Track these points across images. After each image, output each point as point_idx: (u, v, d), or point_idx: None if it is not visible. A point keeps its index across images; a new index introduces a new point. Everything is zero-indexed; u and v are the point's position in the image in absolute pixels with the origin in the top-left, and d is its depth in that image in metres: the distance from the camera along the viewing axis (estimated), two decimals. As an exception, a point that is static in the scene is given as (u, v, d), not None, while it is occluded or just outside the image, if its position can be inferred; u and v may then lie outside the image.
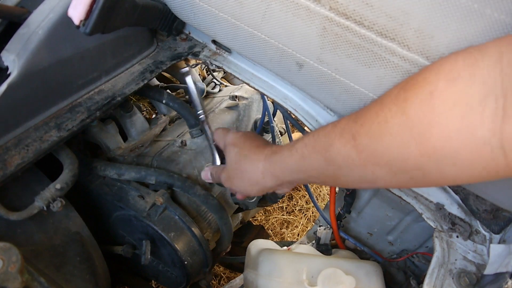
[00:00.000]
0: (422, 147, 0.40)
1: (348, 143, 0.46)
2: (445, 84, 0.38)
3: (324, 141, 0.50)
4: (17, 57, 0.65)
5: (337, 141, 0.48)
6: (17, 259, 0.57)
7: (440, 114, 0.38)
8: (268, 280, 0.85)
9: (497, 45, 0.36)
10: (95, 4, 0.61)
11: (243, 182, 0.62)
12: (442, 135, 0.38)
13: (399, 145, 0.42)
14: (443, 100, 0.38)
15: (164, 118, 1.10)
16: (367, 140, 0.45)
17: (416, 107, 0.40)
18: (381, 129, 0.43)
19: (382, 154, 0.44)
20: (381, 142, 0.43)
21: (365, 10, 0.50)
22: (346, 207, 1.00)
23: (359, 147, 0.45)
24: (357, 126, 0.46)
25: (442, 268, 0.64)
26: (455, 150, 0.38)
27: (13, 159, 0.65)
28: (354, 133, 0.46)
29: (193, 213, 0.94)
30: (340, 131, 0.48)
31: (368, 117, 0.45)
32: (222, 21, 0.68)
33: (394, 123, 0.42)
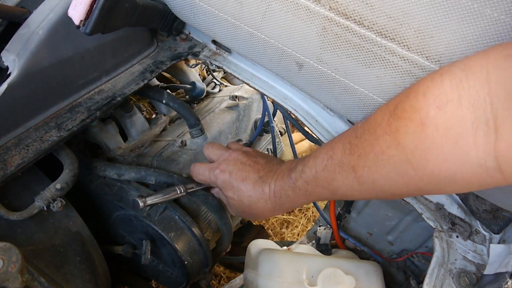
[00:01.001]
0: (420, 173, 0.41)
1: (350, 176, 0.48)
2: (435, 111, 0.38)
3: (325, 176, 0.52)
4: (17, 57, 0.65)
5: (338, 175, 0.50)
6: (17, 259, 0.57)
7: (433, 140, 0.39)
8: (268, 280, 0.85)
9: (482, 64, 0.36)
10: (95, 4, 0.61)
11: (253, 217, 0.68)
12: (438, 160, 0.39)
13: (398, 173, 0.43)
14: (435, 128, 0.38)
15: (164, 118, 1.10)
16: (366, 171, 0.46)
17: (410, 137, 0.41)
18: (378, 160, 0.45)
19: (383, 183, 0.46)
20: (380, 172, 0.45)
21: (365, 10, 0.50)
22: (346, 207, 1.00)
23: (360, 179, 0.47)
24: (354, 158, 0.47)
25: (442, 268, 0.65)
26: (452, 173, 0.39)
27: (13, 159, 0.65)
28: (353, 166, 0.48)
29: (193, 213, 0.94)
30: (339, 164, 0.50)
31: (363, 148, 0.47)
32: (222, 21, 0.68)
33: (391, 153, 0.43)
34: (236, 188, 0.66)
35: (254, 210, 0.65)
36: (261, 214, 0.66)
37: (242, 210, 0.68)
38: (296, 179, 0.57)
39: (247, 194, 0.65)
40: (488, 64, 0.36)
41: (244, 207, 0.67)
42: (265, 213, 0.65)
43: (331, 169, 0.51)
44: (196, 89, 1.18)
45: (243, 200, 0.66)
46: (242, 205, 0.67)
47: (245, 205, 0.66)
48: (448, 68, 0.40)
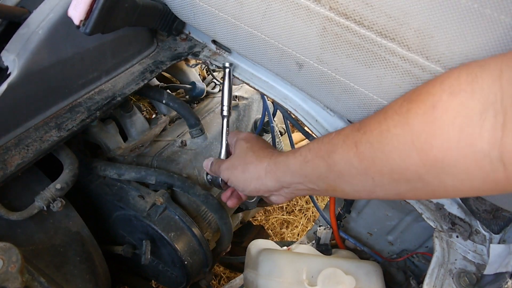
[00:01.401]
0: (423, 157, 0.41)
1: (351, 150, 0.48)
2: (447, 97, 0.39)
3: (327, 147, 0.51)
4: (17, 57, 0.65)
5: (340, 148, 0.49)
6: (17, 259, 0.57)
7: (441, 126, 0.39)
8: (268, 280, 0.85)
9: (498, 62, 0.37)
10: (95, 4, 0.61)
11: (244, 174, 0.64)
12: (443, 146, 0.39)
13: (401, 154, 0.43)
14: (444, 112, 0.39)
15: (164, 118, 1.10)
16: (369, 148, 0.46)
17: (419, 118, 0.41)
18: (383, 138, 0.44)
19: (383, 162, 0.45)
20: (382, 150, 0.44)
21: (365, 10, 0.50)
22: (346, 207, 1.00)
23: (361, 155, 0.46)
24: (359, 134, 0.47)
25: (442, 268, 0.65)
26: (455, 161, 0.39)
27: (13, 159, 0.65)
28: (356, 141, 0.47)
29: (193, 213, 0.94)
30: (343, 138, 0.49)
31: (371, 126, 0.46)
32: (222, 21, 0.68)
33: (397, 132, 0.43)
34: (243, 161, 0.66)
35: (247, 173, 0.63)
36: (253, 179, 0.62)
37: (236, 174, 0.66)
38: (299, 148, 0.57)
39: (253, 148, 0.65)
40: (502, 63, 0.37)
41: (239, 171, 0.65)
42: (258, 169, 0.62)
43: (335, 141, 0.50)
44: (196, 89, 1.18)
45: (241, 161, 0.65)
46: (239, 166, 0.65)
47: (240, 166, 0.65)
48: (467, 64, 0.41)
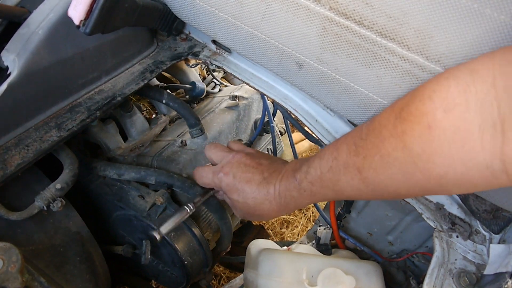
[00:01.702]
0: (427, 175, 0.41)
1: (355, 177, 0.48)
2: (442, 115, 0.39)
3: (330, 177, 0.52)
4: (17, 57, 0.65)
5: (343, 176, 0.50)
6: (17, 259, 0.57)
7: (441, 144, 0.39)
8: (268, 280, 0.85)
9: (489, 68, 0.37)
10: (95, 4, 0.61)
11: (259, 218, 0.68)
12: (445, 163, 0.39)
13: (404, 175, 0.43)
14: (442, 131, 0.39)
15: (164, 118, 1.10)
16: (372, 173, 0.46)
17: (416, 139, 0.41)
18: (384, 162, 0.44)
19: (388, 184, 0.46)
20: (386, 174, 0.45)
21: (365, 10, 0.50)
22: (346, 207, 1.00)
23: (366, 180, 0.47)
24: (359, 159, 0.47)
25: (442, 268, 0.65)
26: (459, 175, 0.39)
27: (13, 159, 0.65)
28: (358, 167, 0.48)
29: (193, 213, 0.94)
30: (344, 165, 0.50)
31: (369, 150, 0.46)
32: (222, 21, 0.68)
33: (397, 156, 0.43)
34: (241, 190, 0.66)
35: (259, 211, 0.65)
36: (267, 215, 0.66)
37: (247, 212, 0.68)
38: (301, 180, 0.57)
39: (252, 195, 0.65)
40: (494, 69, 0.36)
41: (249, 209, 0.67)
42: (271, 214, 0.65)
43: (336, 170, 0.51)
44: (196, 89, 1.18)
45: (248, 202, 0.66)
46: (247, 207, 0.66)
47: (250, 207, 0.66)
48: (454, 72, 0.40)
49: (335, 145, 0.53)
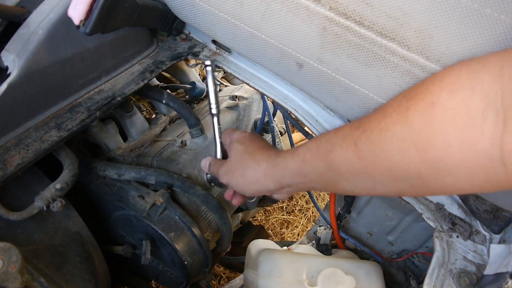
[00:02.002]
0: (422, 155, 0.41)
1: (350, 149, 0.47)
2: (447, 95, 0.39)
3: (326, 146, 0.51)
4: (17, 57, 0.65)
5: (339, 146, 0.49)
6: (17, 259, 0.57)
7: (441, 124, 0.39)
8: (268, 280, 0.85)
9: (498, 59, 0.37)
10: (95, 4, 0.61)
11: (243, 178, 0.63)
12: (443, 145, 0.39)
13: (400, 152, 0.42)
14: (444, 111, 0.38)
15: (164, 118, 1.10)
16: (368, 146, 0.45)
17: (418, 115, 0.41)
18: (382, 136, 0.44)
19: (382, 160, 0.45)
20: (382, 148, 0.44)
21: (365, 10, 0.50)
22: (346, 207, 1.00)
23: (360, 153, 0.46)
24: (358, 132, 0.47)
25: (442, 268, 0.65)
26: (455, 160, 0.39)
27: (13, 159, 0.65)
28: (355, 139, 0.47)
29: (193, 213, 0.94)
30: (342, 136, 0.49)
31: (370, 124, 0.46)
32: (222, 21, 0.68)
33: (396, 130, 0.42)
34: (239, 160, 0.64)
35: (246, 177, 0.62)
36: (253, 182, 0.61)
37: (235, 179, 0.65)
38: (300, 146, 0.56)
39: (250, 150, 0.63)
40: (503, 61, 0.36)
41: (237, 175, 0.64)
42: (256, 172, 0.60)
43: (334, 140, 0.50)
44: (196, 89, 1.18)
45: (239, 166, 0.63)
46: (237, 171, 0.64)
47: (238, 171, 0.63)
48: (466, 62, 0.40)
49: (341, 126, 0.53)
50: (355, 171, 0.48)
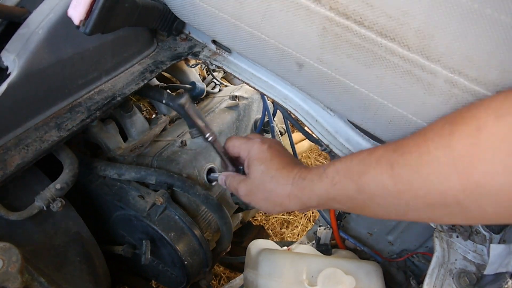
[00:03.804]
0: (464, 181, 0.39)
1: (385, 172, 0.46)
2: (494, 121, 0.38)
3: (358, 168, 0.49)
4: (17, 57, 0.65)
5: (373, 169, 0.47)
6: (17, 259, 0.57)
7: (486, 150, 0.38)
8: (268, 280, 0.85)
9: None
10: (95, 4, 0.61)
11: (267, 202, 0.60)
12: (487, 171, 0.38)
13: (440, 177, 0.41)
14: (490, 136, 0.37)
15: (164, 118, 1.10)
16: (406, 170, 0.44)
17: (462, 140, 0.39)
18: (422, 160, 0.42)
19: (420, 185, 0.43)
20: (420, 172, 0.42)
21: (365, 10, 0.50)
22: (346, 207, 1.00)
23: (396, 177, 0.45)
24: (396, 155, 0.45)
25: (442, 268, 0.65)
26: (498, 187, 0.38)
27: (13, 159, 0.65)
28: (392, 162, 0.45)
29: (193, 213, 0.94)
30: (377, 159, 0.47)
31: (408, 147, 0.44)
32: (222, 21, 0.68)
33: (437, 154, 0.41)
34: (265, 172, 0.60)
35: (269, 201, 0.59)
36: (276, 205, 0.59)
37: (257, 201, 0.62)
38: (327, 166, 0.54)
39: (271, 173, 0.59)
40: None
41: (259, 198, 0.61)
42: (280, 197, 0.58)
43: (367, 162, 0.48)
44: (196, 89, 1.18)
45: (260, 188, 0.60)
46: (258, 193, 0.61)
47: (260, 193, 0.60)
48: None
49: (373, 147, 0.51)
50: (388, 195, 0.46)
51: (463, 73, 0.46)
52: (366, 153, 0.49)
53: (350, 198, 0.50)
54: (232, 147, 0.67)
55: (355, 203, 0.51)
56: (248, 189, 0.62)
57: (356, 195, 0.49)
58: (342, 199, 0.52)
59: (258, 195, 0.61)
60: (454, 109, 0.49)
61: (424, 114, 0.53)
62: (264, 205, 0.61)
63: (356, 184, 0.49)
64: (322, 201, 0.54)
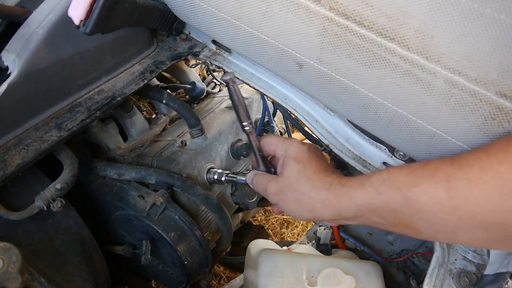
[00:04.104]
0: None
1: (439, 185, 0.42)
2: None
3: (408, 179, 0.45)
4: (17, 57, 0.65)
5: (425, 181, 0.43)
6: (17, 259, 0.57)
7: None
8: (268, 280, 0.85)
9: None
10: (95, 4, 0.61)
11: (297, 204, 0.55)
12: None
13: (502, 194, 0.38)
14: None
15: (164, 118, 1.10)
16: (464, 184, 0.40)
17: None
18: (483, 174, 0.39)
19: (479, 202, 0.40)
20: (480, 188, 0.39)
21: (365, 10, 0.50)
22: (346, 207, 1.00)
23: (452, 191, 0.41)
24: (453, 168, 0.42)
25: (442, 268, 0.65)
26: None
27: (13, 159, 0.65)
28: (449, 175, 0.42)
29: (193, 213, 0.94)
30: (431, 170, 0.44)
31: (467, 161, 0.41)
32: (222, 21, 0.68)
33: (501, 170, 0.38)
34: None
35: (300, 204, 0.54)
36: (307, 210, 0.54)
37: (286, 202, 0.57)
38: (371, 175, 0.49)
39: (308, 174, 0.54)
40: None
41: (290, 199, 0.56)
42: (314, 201, 0.53)
43: (419, 174, 0.44)
44: (196, 89, 1.18)
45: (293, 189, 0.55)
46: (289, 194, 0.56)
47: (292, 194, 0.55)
48: None
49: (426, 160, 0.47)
50: (440, 210, 0.42)
51: (463, 73, 0.46)
52: (417, 165, 0.46)
53: (394, 212, 0.46)
54: (269, 144, 0.62)
55: (399, 217, 0.46)
56: (280, 187, 0.57)
57: (403, 208, 0.45)
58: (384, 212, 0.47)
59: (289, 196, 0.56)
60: (454, 109, 0.49)
61: (424, 114, 0.53)
62: (292, 207, 0.56)
63: (404, 196, 0.45)
64: (360, 212, 0.49)
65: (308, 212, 0.54)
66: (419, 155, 0.60)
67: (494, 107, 0.46)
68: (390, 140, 0.63)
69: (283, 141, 0.60)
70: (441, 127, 0.53)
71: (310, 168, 0.55)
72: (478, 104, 0.47)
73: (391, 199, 0.46)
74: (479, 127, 0.49)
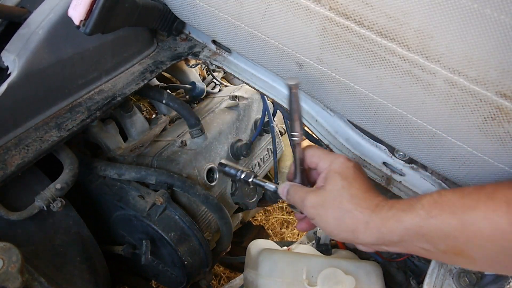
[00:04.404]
0: None
1: (499, 209, 0.39)
2: None
3: (463, 202, 0.42)
4: (17, 57, 0.65)
5: (483, 204, 0.41)
6: (17, 259, 0.57)
7: None
8: (268, 280, 0.85)
9: None
10: (95, 4, 0.62)
11: (337, 222, 0.51)
12: None
13: None
14: None
15: (164, 118, 1.10)
16: None
17: None
18: None
19: None
20: None
21: (365, 10, 0.50)
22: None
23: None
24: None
25: (442, 268, 0.64)
26: None
27: (13, 159, 0.65)
28: (509, 199, 0.39)
29: (193, 213, 0.94)
30: (488, 194, 0.41)
31: None
32: (222, 21, 0.68)
33: None
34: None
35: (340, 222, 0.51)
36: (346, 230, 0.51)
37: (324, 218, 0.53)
38: (421, 197, 0.46)
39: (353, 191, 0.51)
40: None
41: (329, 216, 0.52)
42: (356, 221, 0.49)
43: (475, 197, 0.41)
44: (196, 89, 1.18)
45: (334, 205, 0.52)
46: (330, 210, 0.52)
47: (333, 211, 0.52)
48: None
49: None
50: (500, 236, 0.39)
51: (463, 73, 0.46)
52: (472, 188, 0.43)
53: (447, 237, 0.43)
54: (311, 156, 0.59)
55: (452, 243, 0.43)
56: (320, 201, 0.53)
57: (455, 234, 0.42)
58: (435, 237, 0.44)
59: (329, 212, 0.52)
60: (454, 109, 0.50)
61: (423, 114, 0.53)
62: (331, 224, 0.52)
63: (460, 220, 0.41)
64: (407, 236, 0.46)
65: (348, 233, 0.50)
66: (419, 155, 0.60)
67: (494, 107, 0.46)
68: (390, 140, 0.63)
69: (327, 155, 0.57)
70: (441, 127, 0.53)
71: (355, 186, 0.52)
72: (478, 104, 0.47)
73: (444, 223, 0.42)
74: (479, 127, 0.49)
